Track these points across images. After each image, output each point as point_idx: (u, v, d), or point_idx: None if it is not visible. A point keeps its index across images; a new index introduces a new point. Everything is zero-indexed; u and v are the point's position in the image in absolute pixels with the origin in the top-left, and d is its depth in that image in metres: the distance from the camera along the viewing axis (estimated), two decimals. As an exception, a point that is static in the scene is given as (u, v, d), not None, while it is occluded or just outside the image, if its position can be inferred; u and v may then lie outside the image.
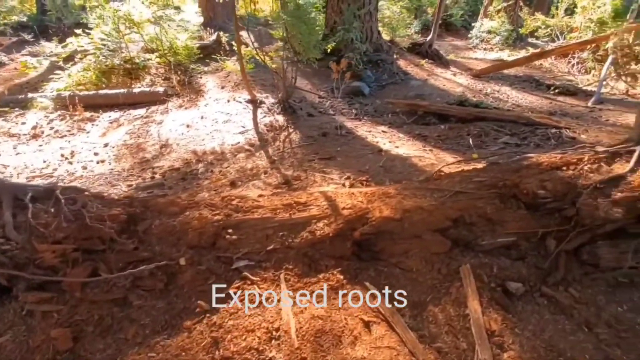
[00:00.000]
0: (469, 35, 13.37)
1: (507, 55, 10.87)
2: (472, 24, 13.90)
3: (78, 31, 6.94)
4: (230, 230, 2.20)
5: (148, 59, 7.39)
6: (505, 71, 8.51)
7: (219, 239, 2.17)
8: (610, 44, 7.11)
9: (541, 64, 9.49)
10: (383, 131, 4.97)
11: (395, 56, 8.68)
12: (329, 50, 7.19)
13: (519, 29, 12.05)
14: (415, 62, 8.88)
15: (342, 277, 2.05)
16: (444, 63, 9.45)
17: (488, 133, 4.86)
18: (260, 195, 2.56)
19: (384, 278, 2.05)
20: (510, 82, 7.77)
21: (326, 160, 3.79)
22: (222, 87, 6.78)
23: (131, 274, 1.95)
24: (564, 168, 2.23)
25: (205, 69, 7.93)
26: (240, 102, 5.73)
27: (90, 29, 7.16)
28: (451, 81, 7.74)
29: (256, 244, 2.21)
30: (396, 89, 7.20)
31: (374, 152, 4.01)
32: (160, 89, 6.61)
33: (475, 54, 11.99)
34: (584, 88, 7.13)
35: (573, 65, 8.88)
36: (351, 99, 6.82)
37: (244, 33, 11.04)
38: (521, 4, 11.76)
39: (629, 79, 7.01)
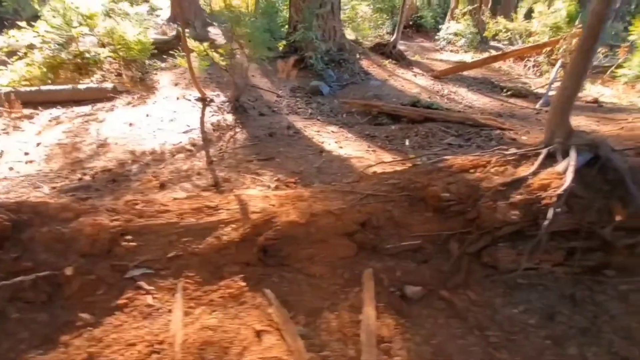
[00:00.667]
0: (436, 37, 13.58)
1: (471, 57, 11.10)
2: (441, 26, 14.13)
3: (22, 24, 6.54)
4: (129, 237, 2.08)
5: (99, 54, 7.05)
6: (465, 73, 8.69)
7: (116, 246, 2.05)
8: (560, 49, 7.39)
9: (500, 67, 9.76)
10: (333, 131, 4.94)
11: (358, 56, 8.69)
12: (281, 49, 7.06)
13: (483, 32, 12.35)
14: (378, 62, 8.93)
15: (243, 284, 1.98)
16: (407, 64, 9.55)
17: (435, 134, 4.92)
18: (174, 199, 2.45)
19: (287, 284, 2.00)
20: (468, 83, 7.94)
21: (265, 161, 3.71)
22: (176, 85, 6.57)
23: (9, 285, 1.80)
24: (472, 170, 2.25)
25: (162, 65, 7.67)
26: (190, 100, 5.56)
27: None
28: (411, 82, 7.82)
29: (157, 251, 2.10)
30: (356, 89, 7.20)
31: (315, 152, 3.97)
32: (109, 86, 6.33)
33: (441, 55, 12.19)
34: (535, 90, 7.38)
35: (529, 68, 9.20)
36: (310, 98, 6.77)
37: (212, 29, 10.78)
38: (483, 7, 12.03)
39: (576, 83, 7.30)
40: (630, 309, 2.11)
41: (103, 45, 7.28)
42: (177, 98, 5.72)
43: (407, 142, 4.28)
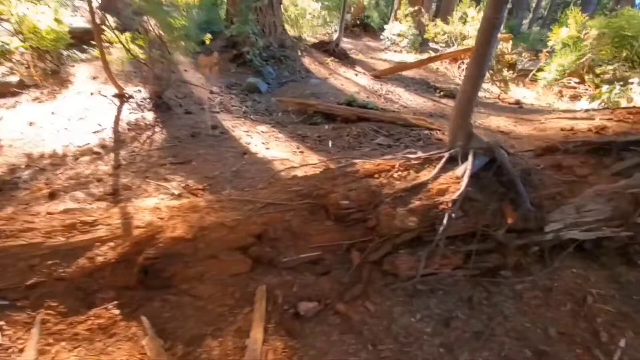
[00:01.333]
0: (381, 37, 13.85)
1: (412, 57, 11.44)
2: (386, 26, 14.42)
3: None
4: (-26, 264, 1.73)
5: (7, 44, 6.15)
6: (404, 73, 8.91)
7: (-45, 276, 1.69)
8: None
9: (437, 68, 10.17)
10: (263, 131, 4.74)
11: (300, 53, 8.54)
12: (208, 43, 6.64)
13: (424, 34, 12.81)
14: (320, 60, 8.86)
15: (117, 312, 1.73)
16: (350, 62, 9.59)
17: (367, 134, 4.93)
18: (47, 214, 2.11)
19: (169, 309, 1.79)
20: (405, 83, 8.14)
21: (179, 164, 3.42)
22: (94, 78, 5.92)
23: None
24: (377, 175, 2.19)
25: (83, 56, 6.91)
26: (106, 97, 5.02)
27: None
28: (351, 81, 7.84)
29: (14, 278, 1.77)
30: (295, 87, 7.04)
31: (237, 155, 3.74)
32: (14, 79, 5.56)
33: (385, 54, 12.43)
34: (467, 92, 7.77)
35: (463, 70, 9.70)
36: (247, 96, 6.49)
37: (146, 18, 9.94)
38: (423, 10, 12.47)
39: (501, 85, 7.81)
40: (524, 308, 2.19)
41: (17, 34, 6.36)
42: (92, 94, 5.14)
43: (330, 144, 4.21)
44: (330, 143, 4.22)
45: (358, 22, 15.51)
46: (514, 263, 2.34)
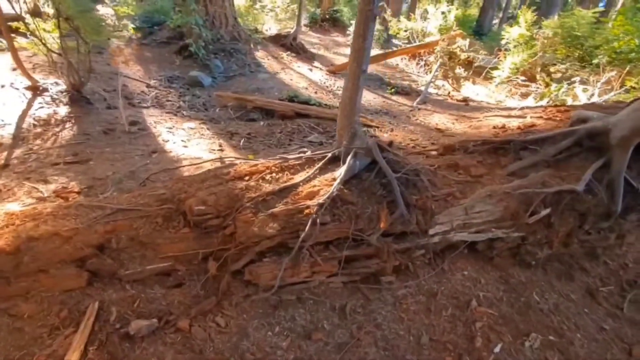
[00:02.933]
0: (347, 33, 13.70)
1: (376, 53, 11.34)
2: (352, 22, 14.26)
3: None
4: None
5: None
6: (362, 69, 8.79)
7: None
8: (437, 49, 7.84)
9: (397, 64, 10.15)
10: (189, 127, 4.50)
11: (252, 46, 8.27)
12: (132, 33, 6.32)
13: (389, 30, 12.75)
14: (275, 55, 8.62)
15: None
16: (309, 57, 9.38)
17: (301, 131, 4.78)
18: None
19: (-21, 331, 1.57)
20: (359, 79, 8.03)
21: (74, 164, 3.15)
22: (14, 70, 5.47)
23: None
24: (247, 178, 2.04)
25: (5, 45, 6.40)
26: (18, 89, 4.64)
27: None
28: (303, 76, 7.66)
29: None
30: (242, 81, 6.79)
31: (146, 153, 3.51)
32: None
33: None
34: (419, 88, 7.75)
35: (421, 66, 9.70)
36: (188, 90, 6.20)
37: (102, 8, 9.37)
38: (386, 6, 12.42)
39: (453, 82, 7.83)
40: (401, 315, 2.10)
41: None
42: (3, 86, 4.73)
43: (241, 142, 4.04)
44: (242, 142, 4.03)
45: (327, 16, 15.30)
46: (399, 268, 2.25)
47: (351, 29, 13.42)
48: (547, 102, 7.16)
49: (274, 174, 2.08)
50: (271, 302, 1.88)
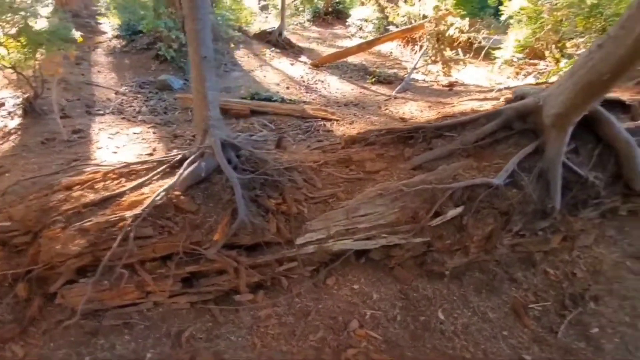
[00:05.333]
0: (347, 24, 13.24)
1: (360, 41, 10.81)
2: (351, 12, 13.76)
3: None
4: None
5: None
6: (350, 59, 8.38)
7: None
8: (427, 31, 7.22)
9: (391, 52, 9.59)
10: (134, 132, 4.40)
11: (232, 45, 8.12)
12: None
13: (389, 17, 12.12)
14: (257, 52, 8.41)
15: None
16: (296, 52, 9.09)
17: (251, 129, 4.54)
18: None
19: None
20: (343, 71, 7.62)
21: (-11, 176, 3.12)
22: (-12, 84, 5.70)
23: None
24: (76, 187, 1.82)
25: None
26: (-21, 105, 4.77)
27: None
28: (281, 72, 7.38)
29: None
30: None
31: (67, 162, 3.41)
32: None
33: (351, 42, 11.84)
34: (405, 76, 7.19)
35: (415, 52, 9.06)
36: (155, 94, 6.15)
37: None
38: (383, -9, 11.77)
39: (444, 66, 7.19)
40: (253, 340, 1.78)
41: None
42: (-34, 102, 4.90)
43: (182, 145, 3.83)
44: (183, 144, 3.83)
45: (330, 9, 14.90)
46: (263, 284, 1.93)
47: (350, 19, 12.96)
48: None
49: (109, 182, 1.85)
50: (87, 329, 1.64)
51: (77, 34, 5.16)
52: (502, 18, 8.34)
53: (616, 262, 2.16)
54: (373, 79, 6.90)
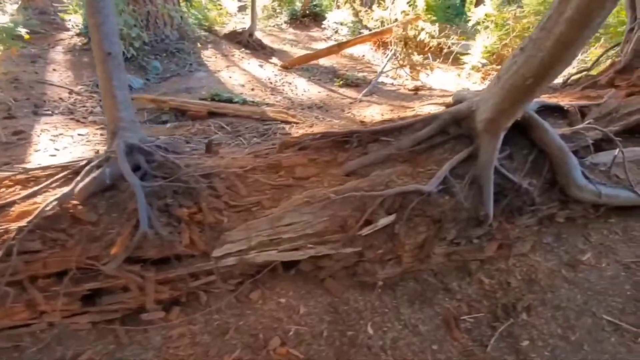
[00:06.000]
0: (323, 26, 13.20)
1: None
2: (327, 15, 13.74)
3: None
4: None
5: None
6: (321, 61, 8.31)
7: None
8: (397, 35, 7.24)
9: (364, 55, 9.59)
10: (79, 134, 4.16)
11: (199, 45, 7.90)
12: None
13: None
14: (226, 52, 8.22)
15: None
16: (267, 53, 8.95)
17: (206, 131, 4.37)
18: None
19: None
20: (312, 74, 7.54)
21: None
22: None
23: None
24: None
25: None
26: None
27: None
28: (248, 73, 7.22)
29: None
30: (176, 82, 6.43)
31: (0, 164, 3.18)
32: None
33: (326, 45, 11.79)
34: (372, 79, 7.18)
35: (387, 55, 9.09)
36: (113, 95, 5.89)
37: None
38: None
39: (409, 70, 7.22)
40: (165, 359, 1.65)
41: None
42: None
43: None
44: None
45: (307, 12, 14.85)
46: (177, 300, 1.79)
47: (325, 22, 12.92)
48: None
49: (3, 190, 1.66)
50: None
51: (23, 31, 4.85)
52: (469, 24, 8.52)
53: (552, 270, 2.13)
54: (341, 82, 6.85)
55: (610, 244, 2.22)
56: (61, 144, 3.84)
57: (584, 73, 3.54)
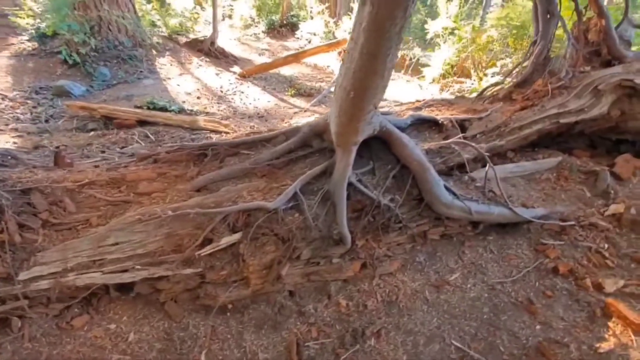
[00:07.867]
0: (296, 36, 13.25)
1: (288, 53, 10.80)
2: (300, 25, 13.80)
3: None
4: None
5: None
6: (277, 70, 8.24)
7: None
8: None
9: (328, 65, 9.58)
10: (7, 142, 3.99)
11: (154, 52, 7.79)
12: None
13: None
14: (184, 60, 8.11)
15: None
16: (230, 62, 8.88)
17: (127, 140, 4.23)
18: None
19: None
20: (267, 83, 7.46)
21: None
22: None
23: None
24: None
25: None
26: None
27: None
28: (200, 81, 7.11)
29: None
30: (120, 89, 6.27)
31: None
32: None
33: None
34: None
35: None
36: (50, 101, 5.70)
37: None
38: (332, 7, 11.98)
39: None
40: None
41: None
42: None
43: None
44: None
45: (285, 22, 14.90)
46: None
47: (299, 33, 12.97)
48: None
49: None
50: None
51: None
52: (428, 37, 8.60)
53: (415, 291, 2.02)
54: (293, 92, 6.79)
55: (482, 263, 2.14)
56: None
57: (500, 86, 3.52)
